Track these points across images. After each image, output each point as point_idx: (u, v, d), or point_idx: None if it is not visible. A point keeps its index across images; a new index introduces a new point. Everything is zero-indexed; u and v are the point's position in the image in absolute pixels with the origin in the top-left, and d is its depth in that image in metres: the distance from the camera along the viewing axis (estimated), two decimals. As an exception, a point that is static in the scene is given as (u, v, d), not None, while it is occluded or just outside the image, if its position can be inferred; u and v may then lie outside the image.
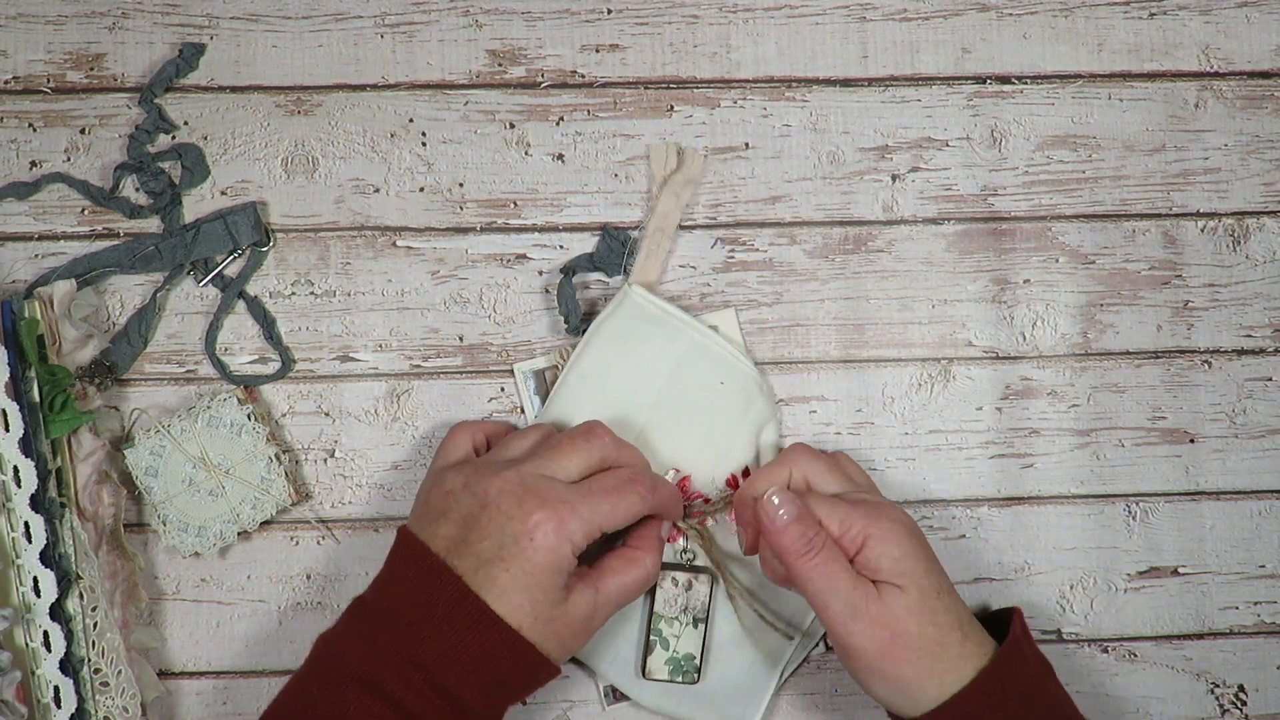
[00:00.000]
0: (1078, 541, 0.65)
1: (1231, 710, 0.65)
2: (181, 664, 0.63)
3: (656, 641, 0.61)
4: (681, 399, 0.62)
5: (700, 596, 0.61)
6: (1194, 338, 0.66)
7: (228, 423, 0.62)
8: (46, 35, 0.65)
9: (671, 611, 0.62)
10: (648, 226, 0.64)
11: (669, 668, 0.61)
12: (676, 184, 0.64)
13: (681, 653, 0.61)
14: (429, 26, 0.66)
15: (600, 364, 0.62)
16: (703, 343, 0.62)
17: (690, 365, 0.62)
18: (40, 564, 0.59)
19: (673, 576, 0.62)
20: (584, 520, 0.53)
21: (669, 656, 0.61)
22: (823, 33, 0.66)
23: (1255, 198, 0.66)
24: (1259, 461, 0.66)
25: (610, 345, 0.62)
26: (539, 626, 0.53)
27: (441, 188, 0.65)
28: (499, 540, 0.53)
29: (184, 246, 0.64)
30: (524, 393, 0.64)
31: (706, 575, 0.62)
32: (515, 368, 0.64)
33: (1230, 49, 0.67)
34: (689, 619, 0.61)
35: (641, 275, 0.63)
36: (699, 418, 0.62)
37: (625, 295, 0.62)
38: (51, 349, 0.61)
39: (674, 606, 0.62)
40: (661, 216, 0.63)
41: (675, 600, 0.62)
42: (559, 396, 0.62)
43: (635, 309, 0.62)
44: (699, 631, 0.61)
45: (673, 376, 0.62)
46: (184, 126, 0.65)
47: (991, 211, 0.66)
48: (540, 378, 0.64)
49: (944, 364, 0.66)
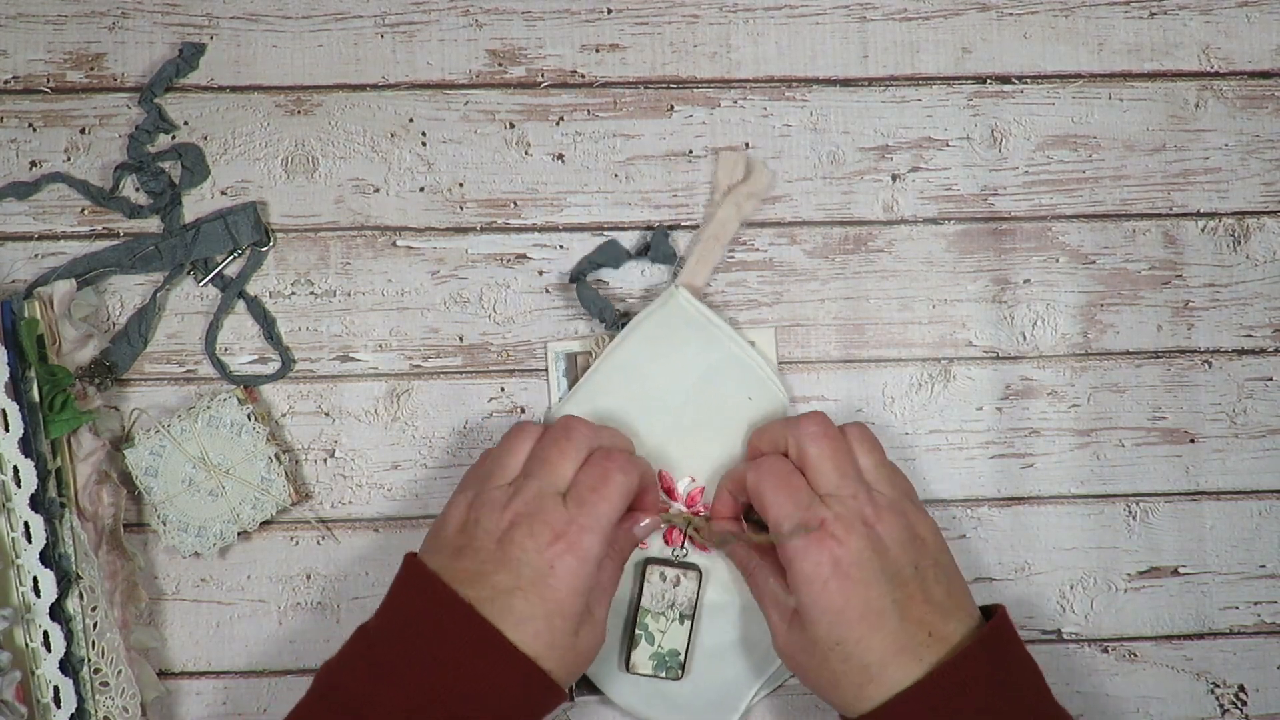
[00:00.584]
0: (1078, 541, 0.65)
1: (1231, 710, 0.65)
2: (181, 664, 0.63)
3: (642, 636, 0.61)
4: (708, 407, 0.62)
5: (688, 593, 0.61)
6: (1194, 338, 0.66)
7: (228, 423, 0.62)
8: (46, 35, 0.65)
9: (658, 607, 0.62)
10: (703, 232, 0.64)
11: (653, 663, 0.61)
12: (740, 195, 0.64)
13: (666, 648, 0.61)
14: (429, 26, 0.66)
15: (635, 359, 0.62)
16: (738, 355, 0.62)
17: (722, 376, 0.62)
18: (40, 564, 0.59)
19: (661, 571, 0.62)
20: (595, 531, 0.54)
21: (654, 651, 0.61)
22: (823, 32, 0.66)
23: (1255, 198, 0.66)
24: (1259, 461, 0.66)
25: (647, 343, 0.62)
26: (555, 654, 0.53)
27: (441, 188, 0.65)
28: (517, 573, 0.53)
29: (184, 246, 0.64)
30: (553, 372, 0.64)
31: (695, 573, 0.62)
32: (548, 346, 0.64)
33: (1230, 49, 0.67)
34: (675, 615, 0.61)
35: (689, 278, 0.64)
36: (722, 429, 0.62)
37: (670, 296, 0.62)
38: (51, 349, 0.61)
39: (661, 602, 0.61)
40: (719, 224, 0.64)
41: (663, 595, 0.61)
42: (589, 383, 0.62)
43: (678, 311, 0.62)
44: (685, 628, 0.61)
45: (703, 383, 0.62)
46: (184, 126, 0.65)
47: (992, 211, 0.66)
48: (572, 361, 0.64)
49: (944, 364, 0.66)
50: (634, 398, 0.62)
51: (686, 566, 0.62)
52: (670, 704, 0.62)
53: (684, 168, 0.66)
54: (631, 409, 0.61)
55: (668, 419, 0.62)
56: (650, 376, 0.62)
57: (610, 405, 0.62)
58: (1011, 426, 0.65)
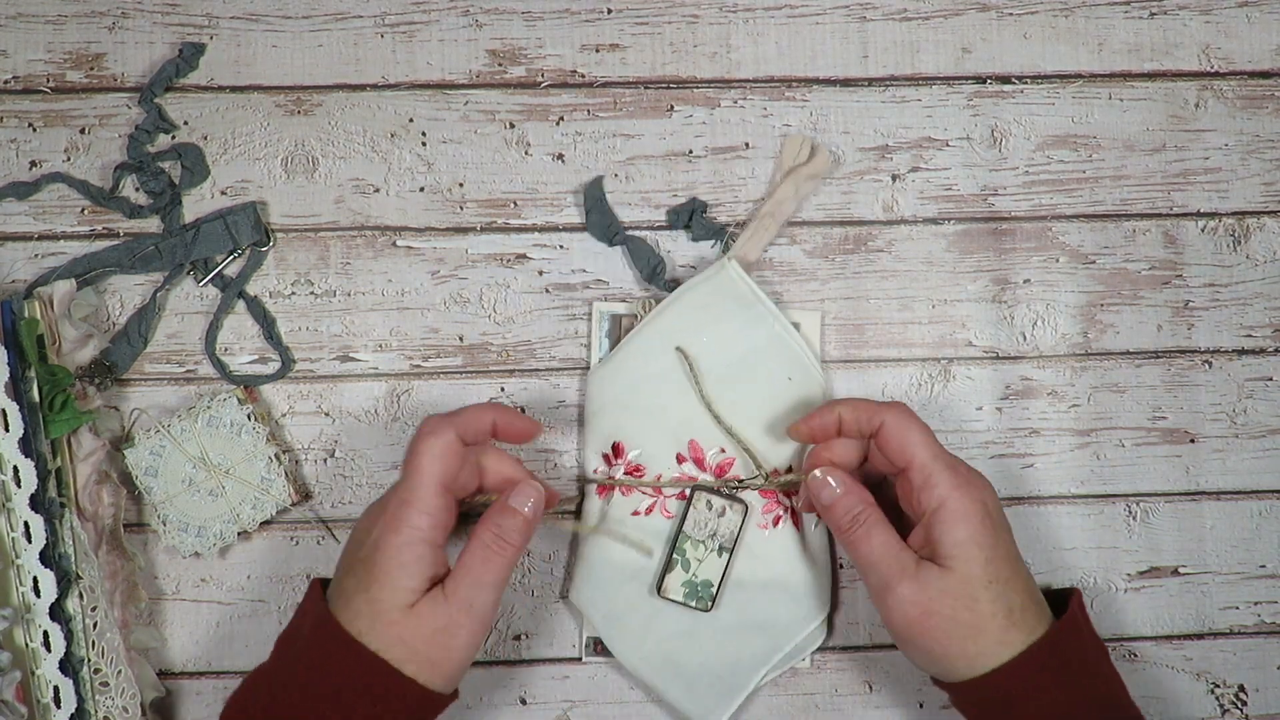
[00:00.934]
0: (1078, 541, 0.65)
1: (1231, 710, 0.65)
2: (181, 664, 0.63)
3: (679, 561, 0.61)
4: (747, 383, 0.62)
5: (731, 526, 0.61)
6: (1194, 338, 0.66)
7: (228, 423, 0.62)
8: (46, 35, 0.65)
9: (700, 535, 0.61)
10: (761, 207, 0.64)
11: (685, 590, 0.61)
12: (801, 175, 0.64)
13: (701, 578, 0.61)
14: (429, 26, 0.66)
15: (678, 326, 0.62)
16: (782, 336, 0.62)
17: (764, 354, 0.62)
18: (40, 564, 0.59)
19: (708, 500, 0.61)
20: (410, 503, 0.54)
21: (687, 579, 0.61)
22: (823, 33, 0.66)
23: (1255, 198, 0.66)
24: (1259, 461, 0.66)
25: (694, 311, 0.62)
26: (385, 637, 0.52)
27: (441, 188, 0.65)
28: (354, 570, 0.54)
29: (184, 246, 0.64)
30: (596, 332, 0.64)
31: (741, 507, 0.61)
32: (594, 306, 0.64)
33: (1230, 49, 0.67)
34: (715, 545, 0.61)
35: (741, 252, 0.64)
36: (758, 407, 0.62)
37: (721, 268, 0.62)
38: (51, 349, 0.61)
39: (703, 530, 0.61)
40: (777, 202, 0.64)
41: (705, 524, 0.61)
42: (631, 344, 0.63)
43: (728, 284, 0.62)
44: (722, 560, 0.61)
45: (744, 359, 0.62)
46: (184, 126, 0.65)
47: (991, 211, 0.66)
48: (616, 322, 0.64)
49: (944, 364, 0.66)
50: (673, 364, 0.62)
51: (733, 499, 0.62)
52: (677, 674, 0.62)
53: (684, 168, 0.66)
54: (669, 375, 0.62)
55: (705, 389, 0.62)
56: (694, 345, 0.62)
57: (652, 369, 0.62)
58: (1011, 426, 0.65)
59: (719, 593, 0.61)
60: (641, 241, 0.64)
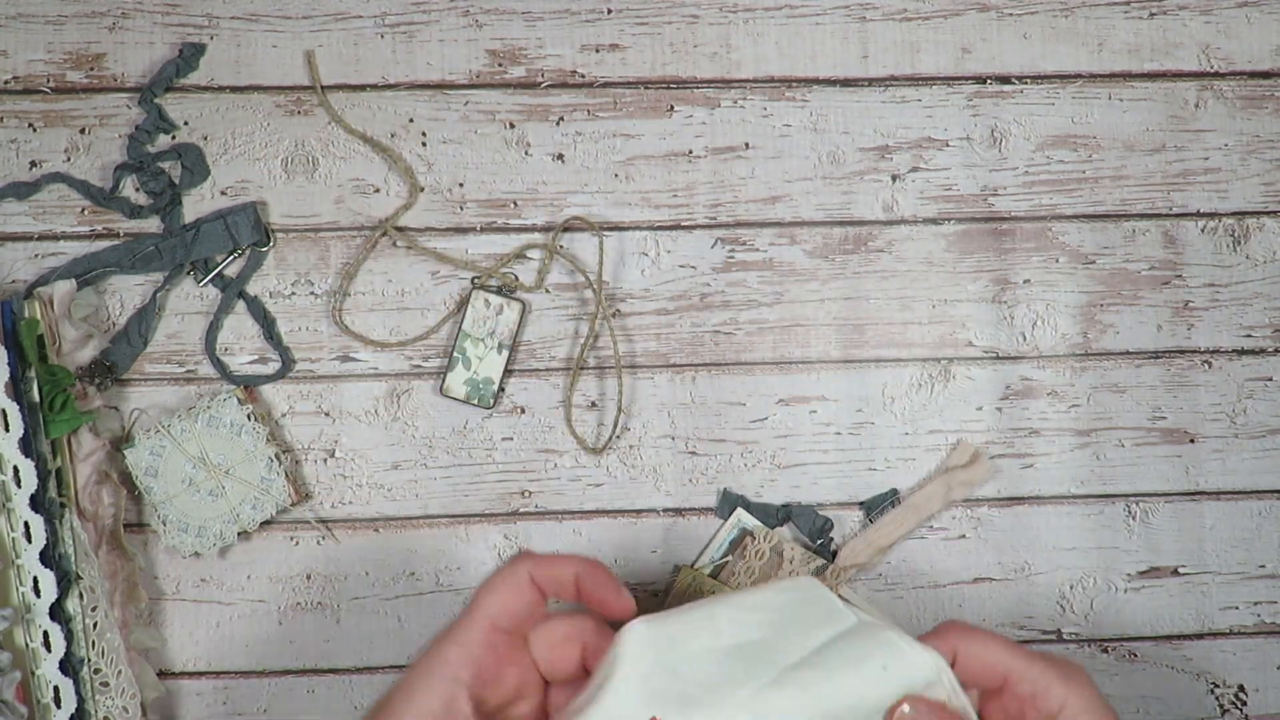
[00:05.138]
0: (1078, 541, 0.65)
1: (1231, 710, 0.65)
2: (181, 664, 0.63)
3: (459, 360, 0.62)
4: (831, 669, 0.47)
5: (509, 323, 0.62)
6: (1194, 338, 0.66)
7: (228, 423, 0.62)
8: (46, 35, 0.65)
9: (479, 332, 0.62)
10: (907, 499, 0.64)
11: (467, 388, 0.62)
12: (956, 478, 0.64)
13: (481, 375, 0.62)
14: (429, 26, 0.66)
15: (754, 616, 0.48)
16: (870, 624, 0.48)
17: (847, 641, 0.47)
18: (40, 564, 0.59)
19: (485, 298, 0.62)
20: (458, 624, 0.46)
21: (469, 377, 0.62)
22: (823, 33, 0.66)
23: (1255, 198, 0.66)
24: (1259, 461, 0.66)
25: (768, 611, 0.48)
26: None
27: (441, 188, 0.65)
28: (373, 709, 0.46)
29: (184, 246, 0.64)
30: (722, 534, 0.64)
31: (518, 305, 0.62)
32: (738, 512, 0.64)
33: (1230, 49, 0.67)
34: (494, 343, 0.62)
35: (850, 556, 0.63)
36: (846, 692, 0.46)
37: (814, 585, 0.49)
38: (51, 349, 0.61)
39: (481, 328, 0.62)
40: (925, 496, 0.64)
41: (484, 322, 0.62)
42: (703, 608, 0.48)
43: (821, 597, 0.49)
44: (502, 358, 0.62)
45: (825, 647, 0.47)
46: (184, 126, 0.65)
47: (991, 211, 0.66)
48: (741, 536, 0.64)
49: (944, 364, 0.66)
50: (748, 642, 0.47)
51: (511, 298, 0.62)
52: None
53: (684, 168, 0.66)
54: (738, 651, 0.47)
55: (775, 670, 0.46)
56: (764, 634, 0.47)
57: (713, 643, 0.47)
58: (1011, 426, 0.65)
59: (500, 391, 0.62)
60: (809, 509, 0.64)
